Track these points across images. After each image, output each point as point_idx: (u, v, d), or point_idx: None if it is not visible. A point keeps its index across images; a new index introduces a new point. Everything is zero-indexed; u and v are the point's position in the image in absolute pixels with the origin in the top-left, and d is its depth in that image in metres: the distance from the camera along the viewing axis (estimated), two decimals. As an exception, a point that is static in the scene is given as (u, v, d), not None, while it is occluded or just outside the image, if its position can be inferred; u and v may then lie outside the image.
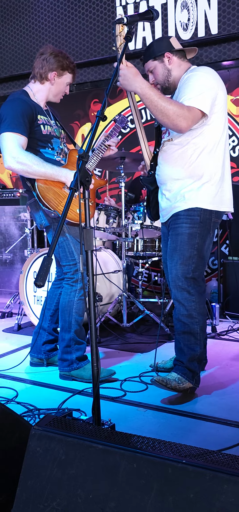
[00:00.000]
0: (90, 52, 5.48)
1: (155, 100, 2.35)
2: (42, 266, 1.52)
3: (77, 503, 1.15)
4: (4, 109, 2.74)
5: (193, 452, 1.14)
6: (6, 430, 1.56)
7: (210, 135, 2.48)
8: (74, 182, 1.61)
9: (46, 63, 2.83)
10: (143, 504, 1.09)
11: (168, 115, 2.34)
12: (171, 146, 2.55)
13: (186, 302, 2.53)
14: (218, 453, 1.15)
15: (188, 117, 2.35)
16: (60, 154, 2.90)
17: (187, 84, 2.45)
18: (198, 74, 2.47)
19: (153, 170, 2.69)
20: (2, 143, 2.71)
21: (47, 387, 2.82)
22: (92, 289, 1.65)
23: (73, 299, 2.84)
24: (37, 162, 2.68)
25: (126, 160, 3.86)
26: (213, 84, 2.44)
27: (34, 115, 2.77)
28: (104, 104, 1.74)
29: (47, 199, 2.72)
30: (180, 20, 4.89)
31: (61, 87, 2.90)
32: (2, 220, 5.16)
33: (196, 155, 2.48)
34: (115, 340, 3.74)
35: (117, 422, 2.13)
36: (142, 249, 4.13)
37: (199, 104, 2.37)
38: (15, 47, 5.98)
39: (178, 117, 2.33)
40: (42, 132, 2.81)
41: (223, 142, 2.54)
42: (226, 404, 2.52)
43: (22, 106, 2.72)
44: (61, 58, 2.85)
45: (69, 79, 2.91)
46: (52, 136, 2.87)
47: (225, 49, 4.79)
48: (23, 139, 2.70)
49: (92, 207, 2.92)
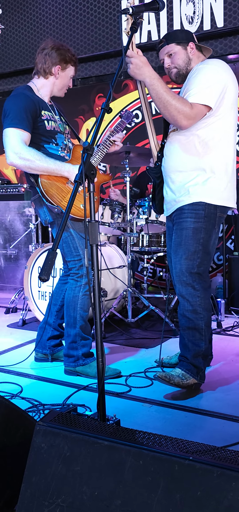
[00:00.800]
0: (94, 47, 5.44)
1: (160, 93, 2.35)
2: (47, 260, 1.51)
3: (82, 500, 1.14)
4: (8, 104, 2.73)
5: (200, 449, 1.12)
6: (11, 426, 1.55)
7: (217, 128, 2.45)
8: (79, 175, 1.60)
9: (49, 58, 2.82)
10: (150, 502, 1.08)
11: (170, 110, 2.35)
12: (176, 136, 2.53)
13: (191, 297, 2.50)
14: (225, 449, 1.13)
15: (189, 116, 2.35)
16: (64, 149, 2.89)
17: (194, 77, 2.43)
18: (207, 67, 2.45)
19: (160, 161, 2.67)
20: (4, 139, 2.69)
21: (52, 383, 2.81)
22: (97, 284, 1.64)
23: (78, 295, 2.83)
24: (40, 157, 2.66)
25: (130, 155, 3.84)
26: (222, 77, 2.41)
27: (37, 111, 2.75)
28: (110, 96, 1.72)
29: (50, 194, 2.71)
30: (185, 13, 4.85)
31: (65, 81, 2.89)
32: (7, 215, 5.16)
33: (201, 147, 2.45)
34: (120, 335, 3.73)
35: (122, 417, 2.12)
36: (147, 244, 4.10)
37: (203, 99, 2.35)
38: (19, 41, 5.96)
39: (179, 113, 2.34)
40: (46, 127, 2.80)
41: (231, 137, 2.51)
42: (232, 400, 2.50)
43: (25, 102, 2.71)
44: (64, 51, 2.84)
45: (72, 71, 2.91)
46: (56, 132, 2.86)
47: (231, 42, 4.74)
48: (26, 134, 2.69)
49: (96, 202, 2.90)
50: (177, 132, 2.52)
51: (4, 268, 5.21)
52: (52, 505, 1.14)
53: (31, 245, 4.29)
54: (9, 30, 6.03)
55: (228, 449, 1.15)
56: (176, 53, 2.59)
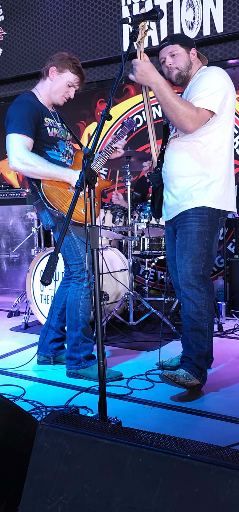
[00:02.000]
0: (96, 52, 5.49)
1: (168, 98, 2.40)
2: (49, 264, 1.54)
3: (83, 497, 1.17)
4: (11, 111, 2.77)
5: (198, 447, 1.15)
6: (14, 426, 1.58)
7: (218, 134, 2.51)
8: (80, 181, 1.63)
9: (50, 61, 2.87)
10: (149, 499, 1.11)
11: (177, 114, 2.40)
12: (177, 143, 2.57)
13: (196, 299, 2.55)
14: (223, 448, 1.16)
15: (196, 119, 2.40)
16: (65, 155, 2.93)
17: (198, 83, 2.49)
18: (209, 74, 2.51)
19: (160, 167, 2.71)
20: (8, 144, 2.74)
21: (54, 385, 2.84)
22: (98, 287, 1.67)
23: (80, 298, 2.86)
24: (42, 163, 2.70)
25: (131, 159, 3.87)
26: (224, 84, 2.48)
27: (40, 117, 2.79)
28: (110, 103, 1.76)
29: (52, 199, 2.75)
30: (185, 19, 4.89)
31: (60, 84, 2.86)
32: (9, 220, 5.20)
33: (204, 153, 2.51)
34: (122, 338, 3.76)
35: (123, 419, 2.15)
36: (148, 248, 4.14)
37: (208, 104, 2.41)
38: (22, 47, 6.01)
39: (186, 117, 2.39)
40: (48, 134, 2.84)
41: (230, 142, 2.57)
42: (232, 401, 2.53)
43: (29, 108, 2.75)
44: (66, 57, 2.86)
45: (71, 78, 2.86)
46: (58, 139, 2.90)
47: (231, 48, 4.78)
48: (29, 140, 2.73)
49: (97, 207, 2.93)
50: (178, 138, 2.57)
51: (7, 272, 5.25)
52: (54, 503, 1.18)
53: (34, 249, 4.33)
54: (11, 36, 6.08)
55: (225, 448, 1.18)
56: (179, 54, 2.62)
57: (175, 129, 2.61)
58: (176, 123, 2.46)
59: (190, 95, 2.49)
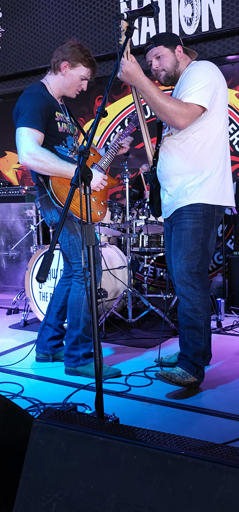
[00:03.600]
0: (94, 49, 5.48)
1: (154, 97, 2.38)
2: (44, 262, 1.54)
3: (78, 494, 1.17)
4: (23, 102, 2.68)
5: (192, 445, 1.15)
6: (10, 424, 1.58)
7: (211, 129, 2.49)
8: (75, 178, 1.63)
9: (61, 53, 2.76)
10: (143, 495, 1.11)
11: (166, 113, 2.38)
12: (171, 141, 2.56)
13: (191, 296, 2.54)
14: (217, 445, 1.16)
15: (186, 115, 2.37)
16: (73, 151, 2.87)
17: (187, 79, 2.46)
18: (198, 69, 2.48)
19: (155, 166, 2.70)
20: (18, 138, 2.64)
21: (53, 382, 2.84)
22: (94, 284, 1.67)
23: (83, 297, 2.83)
24: (53, 159, 2.63)
25: (130, 156, 3.86)
26: (214, 78, 2.45)
27: (52, 111, 2.72)
28: (105, 100, 1.75)
29: (60, 196, 2.70)
30: (184, 15, 4.88)
31: (74, 80, 2.79)
32: (8, 217, 5.19)
33: (197, 150, 2.49)
34: (121, 335, 3.76)
35: (121, 416, 2.15)
36: (147, 244, 4.14)
37: (198, 99, 2.39)
38: (20, 44, 6.00)
39: (175, 114, 2.37)
40: (58, 129, 2.78)
41: (224, 136, 2.54)
42: (230, 398, 2.53)
43: (41, 102, 2.67)
44: (77, 49, 2.75)
45: (84, 72, 2.79)
46: (67, 134, 2.85)
47: (229, 44, 4.77)
48: (40, 135, 2.66)
49: (104, 206, 2.90)
50: (172, 136, 2.56)
51: (6, 269, 5.25)
52: (49, 500, 1.18)
53: (32, 246, 4.33)
54: (9, 33, 6.07)
55: (220, 445, 1.18)
56: (164, 55, 2.60)
57: (168, 127, 2.60)
58: (167, 121, 2.44)
59: (180, 91, 2.46)
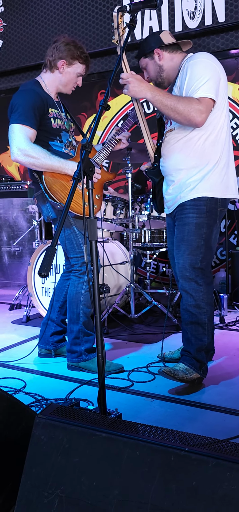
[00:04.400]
0: (96, 43, 5.45)
1: (165, 101, 2.38)
2: (46, 256, 1.53)
3: (81, 490, 1.16)
4: (16, 99, 2.71)
5: (196, 440, 1.14)
6: (13, 419, 1.57)
7: (214, 121, 2.46)
8: (78, 172, 1.61)
9: (56, 51, 2.78)
10: (146, 492, 1.10)
11: (180, 113, 2.36)
12: (173, 136, 2.54)
13: (194, 292, 2.52)
14: (221, 441, 1.15)
15: (201, 110, 2.35)
16: (68, 146, 2.89)
17: (190, 74, 2.42)
18: (198, 62, 2.44)
19: (157, 162, 2.68)
20: (10, 134, 2.68)
21: (55, 378, 2.84)
22: (96, 279, 1.66)
23: (81, 291, 2.85)
24: (44, 155, 2.66)
25: (132, 151, 3.85)
26: (215, 69, 2.43)
27: (45, 108, 2.74)
28: (108, 93, 1.74)
29: (54, 191, 2.72)
30: (186, 9, 4.84)
31: (71, 77, 2.84)
32: (10, 213, 5.19)
33: (200, 143, 2.47)
34: (123, 331, 3.75)
35: (124, 412, 2.14)
36: (149, 240, 4.12)
37: (207, 92, 2.36)
38: (22, 39, 5.98)
39: (189, 113, 2.35)
40: (52, 125, 2.79)
41: (226, 128, 2.51)
42: (234, 394, 2.52)
43: (34, 99, 2.69)
44: (73, 47, 2.79)
45: (80, 69, 2.84)
46: (62, 130, 2.86)
47: (233, 37, 4.73)
48: (32, 132, 2.68)
49: (98, 200, 2.91)
50: (174, 131, 2.54)
51: (8, 265, 5.25)
52: (52, 496, 1.17)
53: (35, 241, 4.32)
54: (11, 28, 6.04)
55: (224, 441, 1.17)
56: (147, 66, 2.65)
57: (170, 122, 2.58)
58: (183, 122, 2.41)
59: (186, 89, 2.43)
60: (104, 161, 3.04)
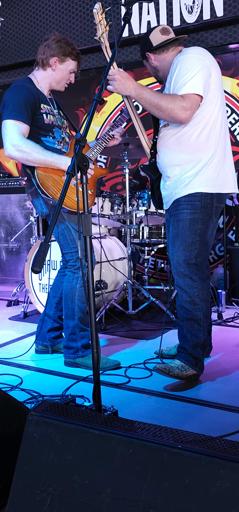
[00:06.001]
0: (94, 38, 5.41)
1: (148, 98, 2.39)
2: (39, 252, 1.52)
3: (73, 488, 1.15)
4: (8, 96, 2.73)
5: (189, 438, 1.13)
6: (6, 416, 1.56)
7: (207, 115, 2.44)
8: (71, 167, 1.60)
9: (48, 49, 2.81)
10: (139, 489, 1.09)
11: (163, 111, 2.37)
12: (167, 131, 2.53)
13: (189, 288, 2.50)
14: (214, 438, 1.14)
15: (185, 107, 2.34)
16: (61, 142, 2.89)
17: (177, 70, 2.41)
18: (186, 58, 2.42)
19: (154, 158, 2.67)
20: (3, 130, 2.70)
21: (52, 374, 2.83)
22: (91, 275, 1.64)
23: (76, 286, 2.84)
24: (37, 150, 2.67)
25: (129, 147, 3.83)
26: (204, 63, 2.39)
27: (37, 104, 2.76)
28: (102, 87, 1.72)
29: (46, 186, 2.71)
30: (185, 3, 4.81)
31: (64, 74, 2.86)
32: (8, 209, 5.17)
33: (194, 138, 2.45)
34: (121, 327, 3.74)
35: (120, 408, 2.13)
36: (147, 236, 4.10)
37: (192, 88, 2.34)
38: (19, 34, 5.94)
39: (172, 110, 2.35)
40: (44, 121, 2.80)
41: (220, 121, 2.48)
42: (231, 390, 2.51)
43: (25, 94, 2.71)
44: (64, 44, 2.81)
45: (72, 66, 2.87)
46: (54, 126, 2.87)
47: (231, 32, 4.70)
48: (25, 127, 2.69)
49: (91, 196, 2.90)
50: (168, 127, 2.52)
51: (6, 261, 5.23)
52: (44, 494, 1.16)
53: (32, 237, 4.30)
54: (9, 23, 6.01)
55: (217, 438, 1.16)
56: (147, 67, 2.71)
57: None
58: (167, 119, 2.43)
59: (173, 85, 2.42)
60: (98, 156, 3.02)
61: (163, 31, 2.60)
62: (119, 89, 2.44)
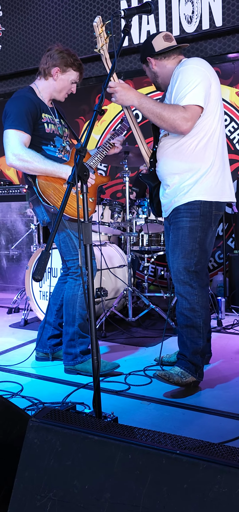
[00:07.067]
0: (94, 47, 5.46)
1: (151, 108, 2.42)
2: (40, 260, 1.54)
3: (73, 493, 1.16)
4: (9, 106, 2.77)
5: (187, 444, 1.15)
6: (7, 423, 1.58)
7: (206, 126, 2.47)
8: (72, 176, 1.62)
9: (50, 59, 2.85)
10: (138, 495, 1.10)
11: (165, 121, 2.40)
12: (167, 140, 2.56)
13: (188, 295, 2.52)
14: (213, 444, 1.15)
15: (186, 118, 2.37)
16: (62, 151, 2.93)
17: (178, 81, 2.44)
18: (187, 69, 2.45)
19: (153, 166, 2.70)
20: (5, 140, 2.74)
21: (52, 381, 2.84)
22: (91, 282, 1.66)
23: (77, 293, 2.86)
24: (38, 159, 2.70)
25: (129, 155, 3.86)
26: (205, 75, 2.43)
27: (38, 113, 2.79)
28: (102, 98, 1.75)
29: (47, 194, 2.75)
30: (184, 13, 4.86)
31: (65, 84, 2.90)
32: (9, 216, 5.20)
33: (193, 147, 2.48)
34: (121, 334, 3.76)
35: (120, 415, 2.14)
36: (147, 243, 4.13)
37: (193, 99, 2.38)
38: (20, 43, 6.00)
39: (174, 121, 2.38)
40: (45, 130, 2.84)
41: (219, 131, 2.52)
42: (230, 397, 2.52)
43: (27, 104, 2.75)
44: (66, 54, 2.85)
45: (74, 76, 2.90)
46: (55, 135, 2.90)
47: (230, 41, 4.75)
48: (26, 136, 2.73)
49: (92, 203, 2.93)
50: (168, 137, 2.55)
51: (7, 268, 5.25)
52: (44, 499, 1.17)
53: (33, 245, 4.33)
54: (10, 32, 6.07)
55: (216, 444, 1.17)
56: (146, 71, 2.73)
57: None
58: (169, 129, 2.46)
59: (174, 96, 2.46)
60: (99, 165, 3.05)
61: (166, 38, 2.64)
62: (121, 100, 2.47)
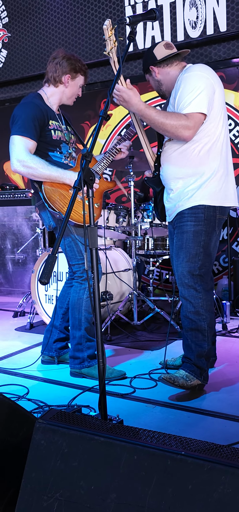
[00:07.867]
0: (99, 53, 5.50)
1: (152, 118, 2.46)
2: (47, 264, 1.56)
3: (79, 494, 1.18)
4: (17, 112, 2.80)
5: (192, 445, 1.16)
6: (14, 425, 1.59)
7: (210, 131, 2.50)
8: (78, 181, 1.65)
9: (59, 67, 2.89)
10: (143, 495, 1.12)
11: (167, 129, 2.44)
12: (171, 145, 2.58)
13: (193, 299, 2.54)
14: (217, 445, 1.17)
15: (188, 126, 2.40)
16: (68, 157, 2.96)
17: (182, 88, 2.47)
18: (191, 76, 2.48)
19: (157, 170, 2.72)
20: (10, 146, 2.77)
21: (58, 384, 2.86)
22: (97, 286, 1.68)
23: (83, 297, 2.88)
24: (43, 165, 2.73)
25: (134, 159, 3.88)
26: (208, 81, 2.45)
27: (45, 120, 2.82)
28: (108, 103, 1.78)
29: (53, 200, 2.77)
30: (188, 18, 4.89)
31: (74, 89, 2.96)
32: (14, 221, 5.23)
33: (197, 153, 2.50)
34: (126, 338, 3.77)
35: (126, 418, 2.16)
36: (152, 247, 4.15)
37: (197, 107, 2.41)
38: (26, 49, 6.04)
39: (177, 129, 2.41)
40: (52, 137, 2.87)
41: (223, 137, 2.54)
42: (235, 400, 2.53)
43: (34, 111, 2.77)
44: (74, 61, 2.91)
45: (82, 81, 2.97)
46: (62, 141, 2.93)
47: (234, 46, 4.76)
48: (32, 143, 2.76)
49: (98, 209, 2.94)
50: (172, 141, 2.58)
51: (12, 272, 5.29)
52: (51, 500, 1.19)
53: (39, 249, 4.35)
54: (16, 38, 6.12)
55: (220, 446, 1.19)
56: (149, 81, 2.76)
57: None
58: (172, 137, 2.50)
59: (177, 102, 2.48)
60: (105, 170, 3.08)
61: (167, 46, 2.67)
62: (124, 104, 2.52)
